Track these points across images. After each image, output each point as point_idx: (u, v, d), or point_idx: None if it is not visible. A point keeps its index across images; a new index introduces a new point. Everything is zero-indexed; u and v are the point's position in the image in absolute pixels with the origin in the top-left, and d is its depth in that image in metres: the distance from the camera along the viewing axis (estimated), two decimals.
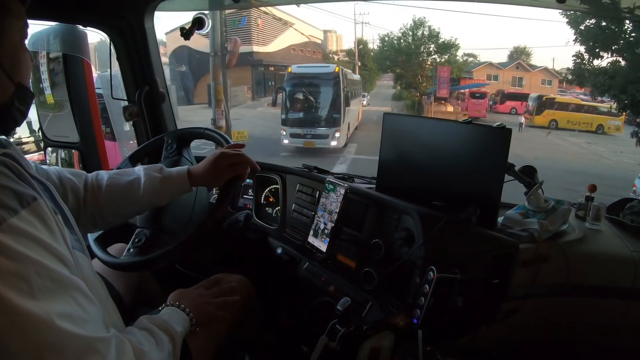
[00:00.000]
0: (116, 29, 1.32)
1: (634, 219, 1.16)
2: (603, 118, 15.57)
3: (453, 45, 20.75)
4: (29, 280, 0.46)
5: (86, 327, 0.50)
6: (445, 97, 19.37)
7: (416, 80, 21.04)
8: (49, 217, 0.52)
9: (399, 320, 0.84)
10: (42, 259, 0.48)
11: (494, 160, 0.99)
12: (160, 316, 0.72)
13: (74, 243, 0.58)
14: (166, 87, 1.45)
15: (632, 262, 1.03)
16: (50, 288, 0.48)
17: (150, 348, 0.61)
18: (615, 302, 1.05)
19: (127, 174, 0.89)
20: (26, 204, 0.49)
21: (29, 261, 0.47)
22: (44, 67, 1.45)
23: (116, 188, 0.87)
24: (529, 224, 1.06)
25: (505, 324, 1.00)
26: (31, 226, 0.48)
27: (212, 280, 0.92)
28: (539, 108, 16.24)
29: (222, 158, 0.89)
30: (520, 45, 26.53)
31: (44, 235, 0.50)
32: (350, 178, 1.35)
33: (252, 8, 15.53)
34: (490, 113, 17.99)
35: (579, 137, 14.45)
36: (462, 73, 21.28)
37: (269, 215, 1.44)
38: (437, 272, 0.80)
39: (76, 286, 0.52)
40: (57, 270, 0.49)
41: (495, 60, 24.28)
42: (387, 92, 24.98)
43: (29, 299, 0.45)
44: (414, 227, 0.95)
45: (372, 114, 15.12)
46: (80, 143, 1.46)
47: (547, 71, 23.40)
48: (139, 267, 0.92)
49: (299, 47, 22.84)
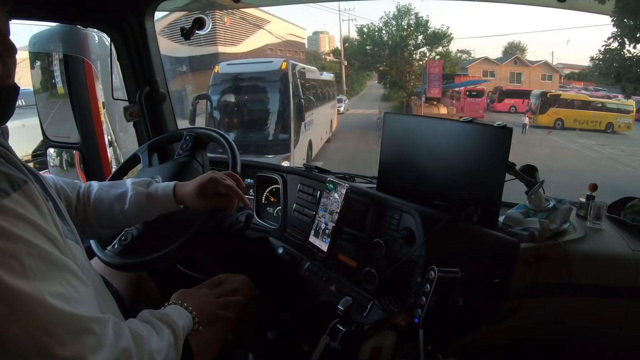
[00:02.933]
0: (117, 29, 1.32)
1: (635, 217, 1.16)
2: (613, 115, 14.08)
3: (445, 35, 17.66)
4: (21, 260, 0.46)
5: (79, 307, 0.50)
6: (437, 97, 16.77)
7: (402, 79, 18.06)
8: (40, 201, 0.52)
9: (400, 320, 0.85)
10: (33, 239, 0.48)
11: (495, 160, 0.99)
12: (162, 310, 0.72)
13: (66, 232, 0.58)
14: (167, 87, 1.45)
15: (633, 261, 1.03)
16: (43, 268, 0.48)
17: (150, 336, 0.61)
18: (616, 302, 1.05)
19: (116, 187, 0.88)
20: (17, 186, 0.49)
21: (20, 241, 0.47)
22: (57, 66, 1.50)
23: (104, 201, 0.86)
24: (529, 223, 1.06)
25: (506, 323, 1.00)
26: (22, 207, 0.49)
27: (215, 281, 0.92)
28: (542, 106, 14.44)
29: (211, 184, 0.85)
30: (515, 41, 25.35)
31: (35, 216, 0.50)
32: (351, 178, 1.35)
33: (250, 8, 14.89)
34: (487, 112, 16.38)
35: (590, 138, 12.70)
36: (456, 69, 19.06)
37: (270, 215, 1.44)
38: (438, 272, 0.80)
39: (68, 267, 0.51)
40: (48, 251, 0.49)
41: (491, 56, 21.99)
42: (378, 93, 22.49)
43: (21, 279, 0.45)
44: (415, 227, 0.95)
45: (354, 119, 13.98)
46: (82, 144, 1.47)
47: (548, 66, 21.53)
48: (139, 267, 0.92)
49: (277, 47, 20.27)
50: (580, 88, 18.25)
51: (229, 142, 1.06)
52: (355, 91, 23.13)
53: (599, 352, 1.13)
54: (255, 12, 16.85)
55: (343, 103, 16.76)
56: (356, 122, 13.07)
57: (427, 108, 16.05)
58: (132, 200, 0.85)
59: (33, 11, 1.12)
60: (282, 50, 21.03)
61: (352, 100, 21.60)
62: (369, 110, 17.57)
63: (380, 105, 18.32)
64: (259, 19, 17.68)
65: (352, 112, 17.05)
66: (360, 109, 18.33)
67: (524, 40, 23.38)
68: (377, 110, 16.65)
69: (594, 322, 1.08)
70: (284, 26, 20.74)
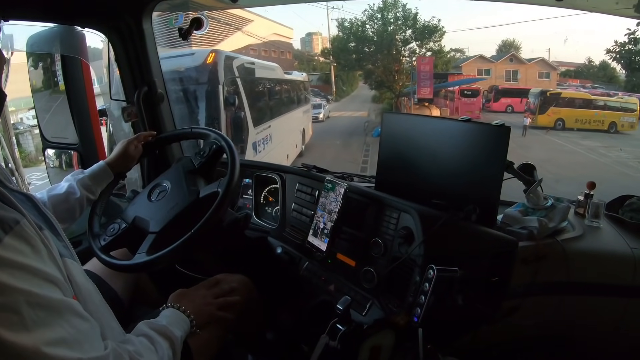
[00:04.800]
0: (114, 30, 1.31)
1: (634, 216, 1.16)
2: (616, 114, 13.22)
3: (436, 29, 15.65)
4: (20, 312, 0.45)
5: (82, 349, 0.49)
6: (428, 97, 15.14)
7: (389, 78, 16.02)
8: (34, 238, 0.50)
9: (399, 319, 0.85)
10: (31, 288, 0.46)
11: (493, 158, 0.99)
12: (160, 321, 0.72)
13: (62, 250, 0.57)
14: (164, 88, 1.45)
15: (632, 259, 1.03)
16: (42, 316, 0.46)
17: (149, 357, 0.61)
18: (614, 300, 1.05)
19: (59, 188, 0.98)
20: (9, 228, 0.47)
21: (18, 292, 0.45)
22: (59, 66, 1.51)
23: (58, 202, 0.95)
24: (528, 222, 1.06)
25: (505, 322, 1.00)
26: (16, 253, 0.47)
27: (212, 281, 0.92)
28: (542, 105, 13.55)
29: (128, 145, 1.08)
30: (509, 39, 24.72)
31: (31, 259, 0.48)
32: (349, 177, 1.35)
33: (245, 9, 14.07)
34: (483, 112, 15.30)
35: (593, 139, 11.86)
36: (449, 66, 17.40)
37: (269, 215, 1.44)
38: (437, 271, 0.80)
39: (68, 308, 0.50)
40: (47, 297, 0.48)
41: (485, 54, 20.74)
42: (369, 94, 20.77)
43: (21, 332, 0.44)
44: (414, 226, 0.95)
45: (340, 122, 12.89)
46: (79, 144, 1.46)
47: (545, 63, 20.31)
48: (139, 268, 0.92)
49: (261, 48, 18.88)
50: (578, 86, 17.52)
51: (226, 140, 1.06)
52: (345, 92, 21.88)
53: (598, 350, 1.13)
54: (237, 11, 15.39)
55: (322, 109, 14.69)
56: (341, 127, 11.95)
57: (417, 110, 14.48)
58: (80, 185, 0.99)
59: (30, 12, 1.11)
60: (266, 51, 19.94)
61: (342, 102, 20.73)
62: (357, 113, 16.59)
63: (370, 107, 17.26)
64: (239, 17, 16.52)
65: (338, 115, 15.86)
66: (349, 111, 17.23)
67: (518, 37, 22.77)
68: (367, 112, 15.69)
69: (593, 320, 1.08)
70: (269, 25, 19.45)
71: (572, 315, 1.07)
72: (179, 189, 1.02)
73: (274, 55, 20.64)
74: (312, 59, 23.68)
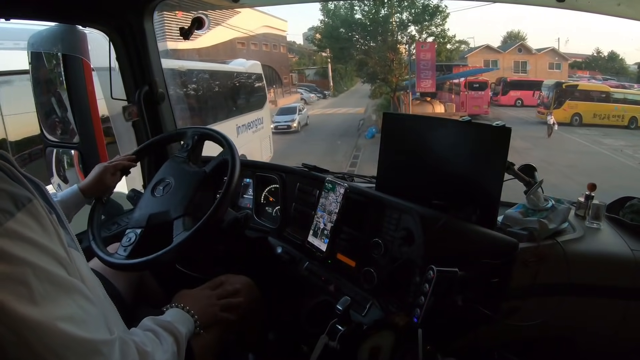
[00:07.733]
0: (116, 29, 1.31)
1: (634, 217, 1.15)
2: (637, 109, 12.03)
3: (438, 10, 13.41)
4: (29, 285, 0.45)
5: (89, 330, 0.50)
6: (430, 91, 12.82)
7: (384, 69, 13.74)
8: (44, 218, 0.51)
9: (398, 320, 0.85)
10: (40, 262, 0.47)
11: (494, 159, 0.99)
12: (165, 317, 0.72)
13: (68, 241, 0.58)
14: (165, 87, 1.45)
15: (632, 261, 1.03)
16: (51, 291, 0.47)
17: (155, 349, 0.61)
18: (615, 301, 1.05)
19: None
20: (21, 205, 0.48)
21: (27, 265, 0.46)
22: (60, 65, 1.48)
23: None
24: (528, 223, 1.06)
25: (505, 323, 1.00)
26: (28, 228, 0.48)
27: (216, 282, 0.92)
28: (557, 99, 12.09)
29: (104, 172, 1.07)
30: (514, 30, 22.89)
31: (41, 237, 0.49)
32: (350, 177, 1.35)
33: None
34: (491, 107, 14.04)
35: (615, 137, 10.51)
36: (454, 56, 15.40)
37: (269, 215, 1.44)
38: (437, 271, 0.80)
39: (76, 288, 0.51)
40: (56, 273, 0.49)
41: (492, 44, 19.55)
42: (369, 90, 18.81)
43: (30, 305, 0.45)
44: (414, 226, 0.95)
45: (332, 120, 11.52)
46: (80, 143, 1.46)
47: (555, 53, 19.12)
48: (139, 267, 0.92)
49: (249, 41, 17.58)
50: (588, 77, 16.57)
51: (227, 140, 1.06)
52: (344, 87, 20.93)
53: (598, 352, 1.13)
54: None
55: (297, 114, 11.58)
56: (332, 126, 10.64)
57: (418, 106, 12.46)
58: None
59: (32, 11, 1.12)
60: (256, 44, 18.56)
61: (340, 97, 19.62)
62: (352, 110, 15.49)
63: (368, 103, 16.06)
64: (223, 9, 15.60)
65: (332, 112, 14.90)
66: (344, 108, 16.03)
67: (524, 29, 22.01)
68: (364, 108, 14.32)
69: (593, 322, 1.08)
70: (258, 17, 17.62)
71: (572, 317, 1.07)
72: (182, 175, 1.04)
73: (266, 50, 19.31)
74: (313, 54, 22.54)
